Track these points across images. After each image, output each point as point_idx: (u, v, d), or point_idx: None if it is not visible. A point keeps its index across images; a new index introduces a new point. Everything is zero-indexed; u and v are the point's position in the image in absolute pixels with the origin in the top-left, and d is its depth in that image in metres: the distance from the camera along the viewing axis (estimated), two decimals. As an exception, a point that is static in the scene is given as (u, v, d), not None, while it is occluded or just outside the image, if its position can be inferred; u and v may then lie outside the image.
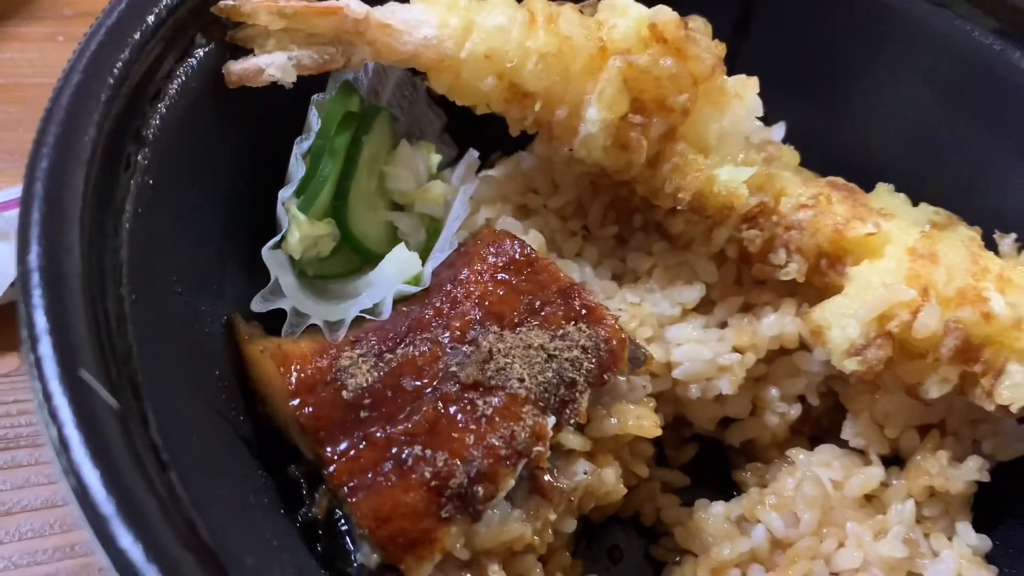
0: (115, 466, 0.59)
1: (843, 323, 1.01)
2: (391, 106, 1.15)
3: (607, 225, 1.19)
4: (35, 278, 0.68)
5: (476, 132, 1.22)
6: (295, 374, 0.91)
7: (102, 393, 0.62)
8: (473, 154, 1.16)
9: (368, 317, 0.98)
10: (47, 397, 0.62)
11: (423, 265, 1.03)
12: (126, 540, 0.56)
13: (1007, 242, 1.11)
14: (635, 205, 1.19)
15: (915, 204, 1.15)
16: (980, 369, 0.99)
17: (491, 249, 1.01)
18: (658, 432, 0.99)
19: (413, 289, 1.00)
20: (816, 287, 1.10)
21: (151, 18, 0.88)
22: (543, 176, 1.20)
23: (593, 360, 0.95)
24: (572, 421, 0.94)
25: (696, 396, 1.08)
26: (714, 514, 1.08)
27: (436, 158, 1.17)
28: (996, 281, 1.02)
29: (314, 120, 1.00)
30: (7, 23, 1.49)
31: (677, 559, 1.09)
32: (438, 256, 1.04)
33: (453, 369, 0.92)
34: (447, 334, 0.95)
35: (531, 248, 1.02)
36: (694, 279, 1.12)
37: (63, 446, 0.60)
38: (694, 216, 1.10)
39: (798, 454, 1.11)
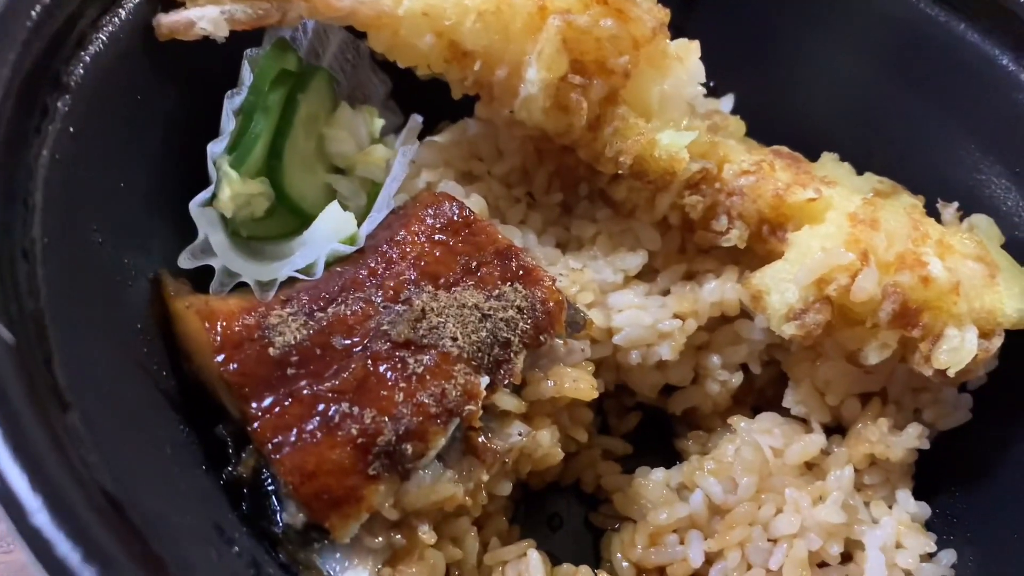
0: (5, 397, 0.57)
1: (782, 288, 1.01)
2: (332, 69, 1.13)
3: (552, 193, 1.17)
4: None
5: (422, 99, 1.20)
6: (221, 331, 0.89)
7: (-1, 328, 0.60)
8: (416, 118, 1.14)
9: (301, 277, 0.96)
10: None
11: (359, 226, 1.01)
12: (12, 471, 0.54)
13: (949, 211, 1.12)
14: (581, 174, 1.18)
15: (860, 173, 1.15)
16: (918, 334, 0.98)
17: (429, 211, 1.00)
18: (595, 394, 0.98)
19: (348, 249, 0.99)
20: (759, 254, 1.09)
21: (76, -38, 0.86)
22: (488, 143, 1.19)
23: (529, 321, 0.93)
24: (507, 382, 0.92)
25: (637, 362, 1.07)
26: (654, 480, 1.07)
27: (379, 122, 1.15)
28: (936, 247, 1.01)
29: (246, 75, 0.98)
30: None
31: (616, 526, 1.08)
32: (374, 217, 1.02)
33: (384, 327, 0.90)
34: (380, 293, 0.93)
35: (469, 210, 1.00)
36: (637, 246, 1.11)
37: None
38: (637, 183, 1.09)
39: (739, 422, 1.10)
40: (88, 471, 0.59)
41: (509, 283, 0.95)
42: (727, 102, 1.28)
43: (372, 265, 0.96)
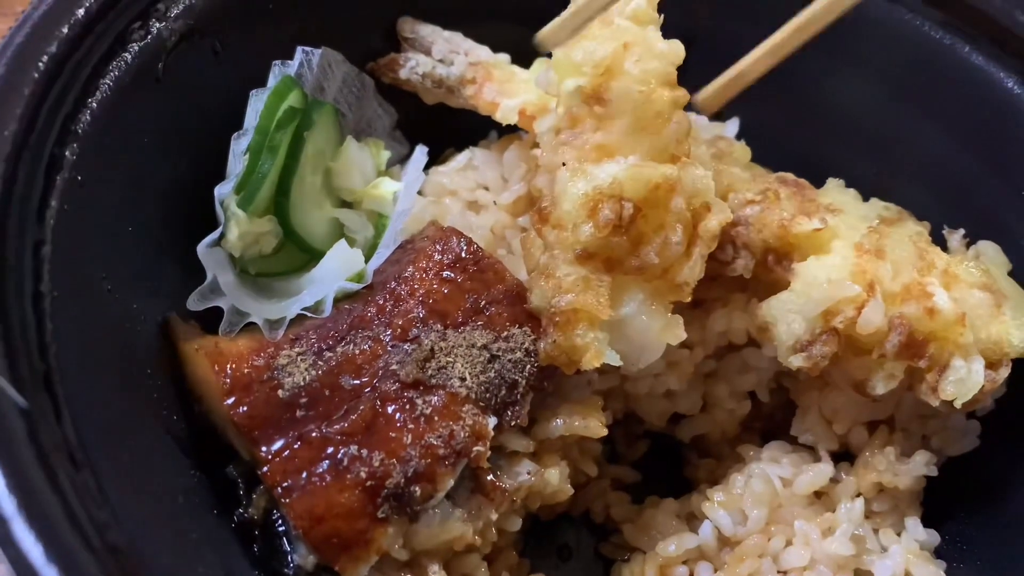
0: (18, 464, 0.58)
1: (789, 319, 1.01)
2: (338, 102, 1.14)
3: (558, 222, 1.18)
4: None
5: (428, 128, 1.21)
6: (231, 372, 0.90)
7: (8, 391, 0.61)
8: (422, 149, 1.14)
9: (309, 315, 0.97)
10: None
11: (366, 262, 1.02)
12: (27, 540, 0.55)
13: (956, 238, 1.11)
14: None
15: (866, 199, 1.15)
16: (925, 364, 0.98)
17: (437, 246, 1.00)
18: (604, 432, 0.99)
19: (356, 286, 0.99)
20: (765, 283, 1.09)
21: (81, 12, 0.87)
22: (493, 171, 1.19)
23: (537, 364, 0.94)
24: (514, 423, 0.93)
25: (645, 391, 1.07)
26: (663, 511, 1.08)
27: (385, 154, 1.16)
28: (942, 276, 1.02)
29: (252, 115, 0.99)
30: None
31: (626, 556, 1.09)
32: (382, 253, 1.03)
33: (393, 367, 0.91)
34: (389, 332, 0.94)
35: (478, 246, 1.01)
36: (644, 276, 1.11)
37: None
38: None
39: (748, 451, 1.10)
40: (101, 534, 0.60)
41: (519, 325, 0.96)
42: (732, 126, 1.28)
43: (380, 303, 0.97)
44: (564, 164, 0.95)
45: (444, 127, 1.23)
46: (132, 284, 0.89)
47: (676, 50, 0.98)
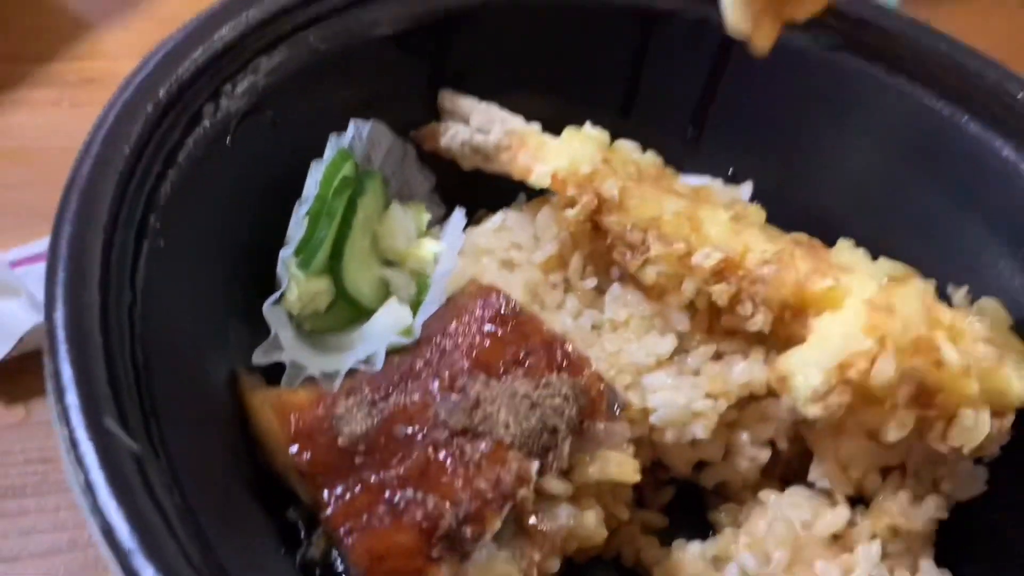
0: (136, 505, 0.65)
1: (806, 371, 1.08)
2: (383, 169, 1.22)
3: (586, 278, 1.26)
4: (60, 334, 0.75)
5: (464, 191, 1.30)
6: (294, 423, 0.97)
7: (123, 439, 0.68)
8: (460, 212, 1.23)
9: (362, 368, 1.04)
10: (74, 444, 0.68)
11: (414, 318, 1.09)
12: (148, 573, 0.61)
13: (959, 295, 1.19)
14: (611, 258, 1.26)
15: (874, 258, 1.23)
16: (934, 414, 1.06)
17: (478, 302, 1.08)
18: (638, 478, 1.05)
19: (405, 341, 1.07)
20: (783, 337, 1.17)
21: (163, 92, 0.96)
22: (525, 231, 1.28)
23: (574, 408, 1.01)
24: (555, 466, 1.00)
25: (672, 441, 1.14)
26: (691, 554, 1.14)
27: (426, 217, 1.24)
28: (948, 331, 1.09)
29: (312, 184, 1.08)
30: (17, 89, 1.56)
31: (657, 598, 1.15)
32: (428, 309, 1.11)
33: (442, 416, 0.98)
34: (437, 383, 1.02)
35: (516, 301, 1.09)
36: (667, 330, 1.19)
37: (89, 488, 0.66)
38: (664, 267, 1.17)
39: (769, 496, 1.17)
40: (209, 569, 0.67)
41: (555, 372, 1.03)
42: (746, 189, 1.37)
43: (428, 356, 1.05)
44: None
45: (478, 190, 1.32)
46: (205, 339, 0.97)
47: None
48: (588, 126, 1.29)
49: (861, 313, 1.11)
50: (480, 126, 1.27)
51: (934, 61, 1.27)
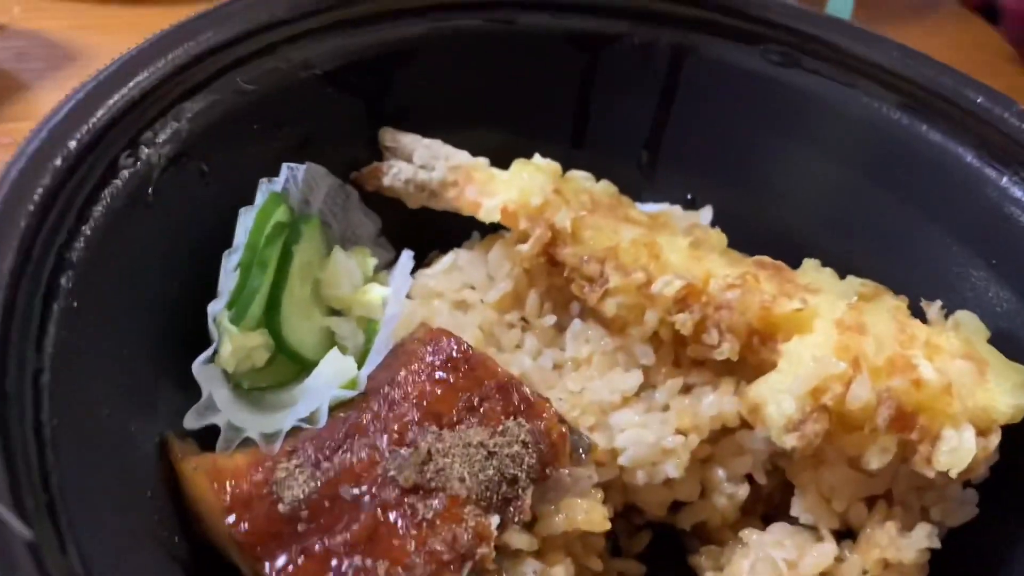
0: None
1: (778, 399, 1.02)
2: (323, 213, 1.16)
3: (544, 315, 1.20)
4: (-51, 410, 0.67)
5: (413, 232, 1.24)
6: (229, 490, 0.89)
7: (14, 524, 0.60)
8: (407, 254, 1.17)
9: (305, 427, 0.97)
10: (-44, 534, 0.60)
11: (359, 368, 1.03)
12: None
13: (933, 309, 1.14)
14: (570, 293, 1.20)
15: (842, 277, 1.18)
16: (916, 437, 1.00)
17: (428, 348, 1.02)
18: (607, 526, 0.99)
19: (350, 393, 1.00)
20: (752, 364, 1.11)
21: (73, 144, 0.90)
22: (478, 270, 1.22)
23: (534, 455, 0.94)
24: (517, 519, 0.93)
25: (644, 482, 1.07)
26: (671, 603, 1.07)
27: (372, 261, 1.18)
28: (924, 348, 1.04)
29: (242, 232, 1.01)
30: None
31: (638, 652, 1.07)
32: (374, 359, 1.04)
33: (392, 473, 0.91)
34: (385, 437, 0.94)
35: (468, 344, 1.02)
36: (632, 364, 1.13)
37: (-28, 586, 0.58)
38: (625, 299, 1.11)
39: (751, 535, 1.10)
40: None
41: (512, 417, 0.97)
42: (706, 213, 1.32)
43: (375, 409, 0.98)
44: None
45: (427, 231, 1.26)
46: (129, 405, 0.89)
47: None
48: (538, 157, 1.24)
49: (831, 334, 1.05)
50: (424, 163, 1.22)
51: (888, 71, 1.23)
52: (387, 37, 1.21)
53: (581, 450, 1.01)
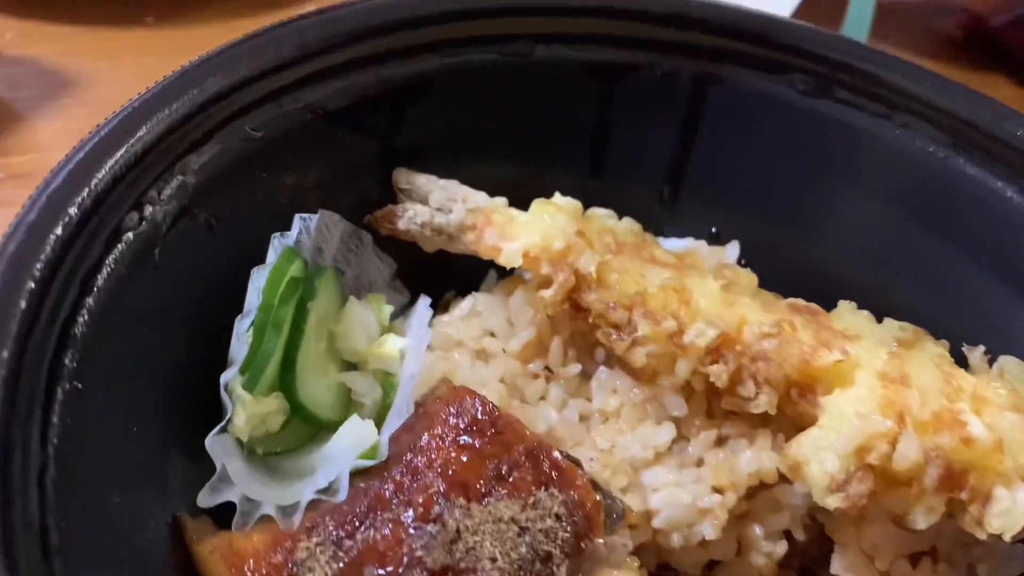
0: None
1: (821, 457, 0.98)
2: (337, 261, 1.11)
3: (569, 363, 1.15)
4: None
5: (428, 274, 1.19)
6: (249, 575, 0.84)
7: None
8: (425, 302, 1.12)
9: (324, 499, 0.92)
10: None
11: (379, 433, 0.97)
12: None
13: (976, 355, 1.09)
14: (594, 338, 1.15)
15: (879, 319, 1.13)
16: (967, 496, 0.95)
17: (451, 409, 0.96)
18: (644, 597, 0.94)
19: (370, 463, 0.95)
20: (789, 416, 1.06)
21: (73, 210, 0.84)
22: (499, 316, 1.17)
23: (568, 528, 0.89)
24: (551, 597, 0.88)
25: (679, 544, 1.03)
26: (711, 669, 1.02)
27: (388, 309, 1.13)
28: (971, 401, 0.99)
29: (254, 294, 0.96)
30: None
31: None
32: (395, 421, 0.99)
33: (419, 553, 0.86)
34: (409, 512, 0.89)
35: (493, 405, 0.97)
36: (663, 417, 1.08)
37: None
38: (654, 347, 1.06)
39: (791, 595, 1.06)
40: None
41: (543, 487, 0.92)
42: (732, 250, 1.27)
43: (398, 478, 0.92)
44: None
45: (442, 270, 1.21)
46: (140, 487, 0.84)
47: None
48: (558, 196, 1.19)
49: (875, 387, 1.00)
50: (440, 205, 1.16)
51: (923, 101, 1.18)
52: (398, 74, 1.15)
53: (615, 515, 0.96)
